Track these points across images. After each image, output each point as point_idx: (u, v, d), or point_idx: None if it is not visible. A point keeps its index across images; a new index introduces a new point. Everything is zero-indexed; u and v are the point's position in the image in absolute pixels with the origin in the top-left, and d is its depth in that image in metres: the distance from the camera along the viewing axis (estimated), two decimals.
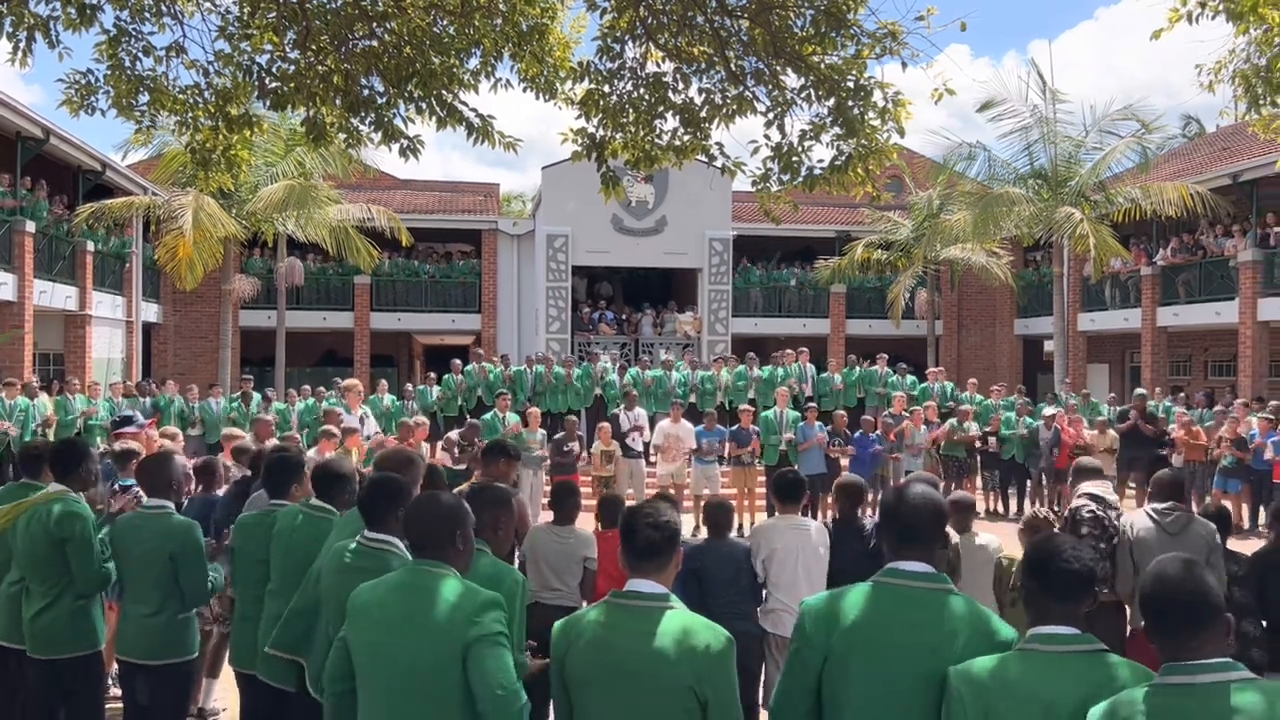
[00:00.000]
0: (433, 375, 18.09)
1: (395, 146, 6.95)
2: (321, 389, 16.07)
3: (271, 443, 10.76)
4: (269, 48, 6.90)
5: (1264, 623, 5.26)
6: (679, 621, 2.84)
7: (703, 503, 9.62)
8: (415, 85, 6.72)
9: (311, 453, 9.06)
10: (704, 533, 6.34)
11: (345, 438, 9.86)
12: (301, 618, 4.14)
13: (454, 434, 13.48)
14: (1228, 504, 12.58)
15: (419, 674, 2.97)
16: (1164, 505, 5.65)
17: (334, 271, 25.12)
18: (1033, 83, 20.89)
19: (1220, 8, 6.13)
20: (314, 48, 6.77)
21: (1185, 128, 35.39)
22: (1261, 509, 13.79)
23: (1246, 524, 14.09)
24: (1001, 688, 2.53)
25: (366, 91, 6.93)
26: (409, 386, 17.49)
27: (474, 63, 6.99)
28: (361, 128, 7.13)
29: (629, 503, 5.65)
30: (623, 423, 14.63)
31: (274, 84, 6.82)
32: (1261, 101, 7.58)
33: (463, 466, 13.01)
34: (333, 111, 7.08)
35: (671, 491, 13.09)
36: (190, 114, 7.17)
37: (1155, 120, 20.59)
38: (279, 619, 4.37)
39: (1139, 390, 16.56)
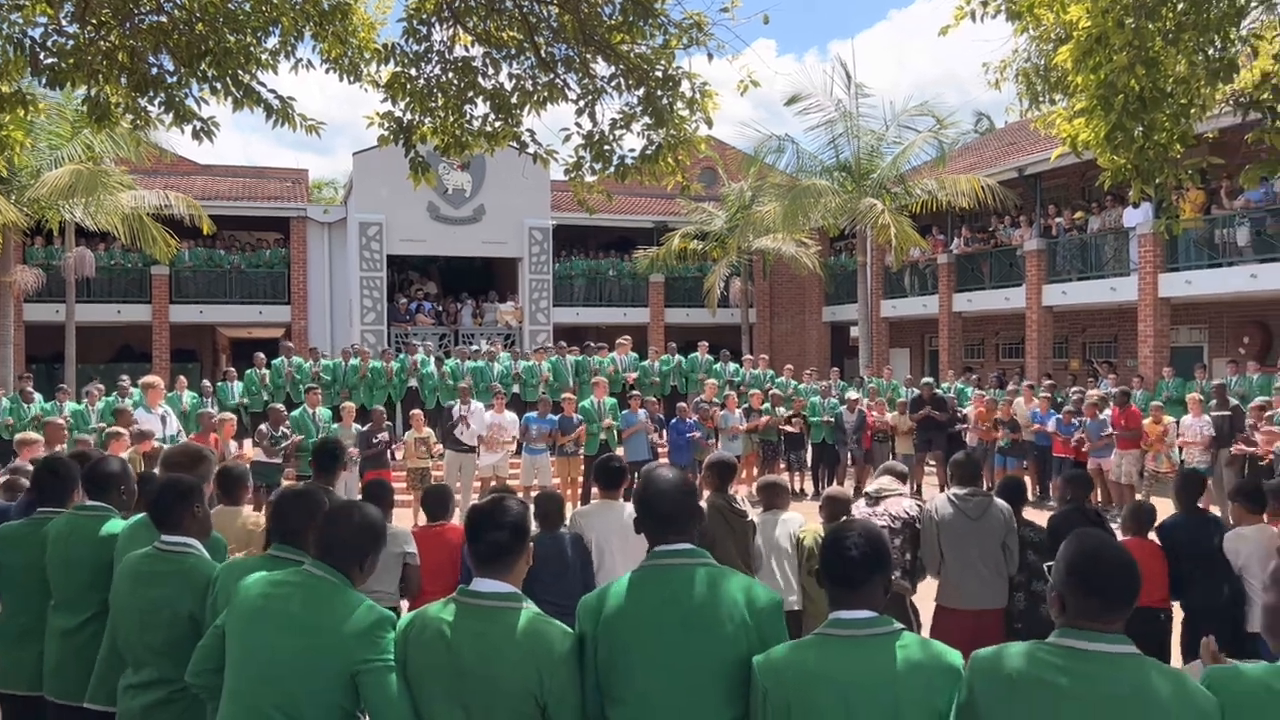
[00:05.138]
0: (233, 370, 17.23)
1: (188, 128, 6.57)
2: (124, 384, 15.04)
3: (61, 448, 10.07)
4: (43, 20, 6.40)
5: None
6: (524, 623, 2.77)
7: (533, 494, 9.54)
8: (209, 64, 6.35)
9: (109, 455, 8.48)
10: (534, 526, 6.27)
11: (137, 442, 9.28)
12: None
13: (264, 427, 12.97)
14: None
15: (287, 676, 2.83)
16: (964, 491, 5.97)
17: (130, 262, 23.65)
18: (837, 78, 21.74)
19: (1001, 7, 6.50)
20: (95, 22, 6.32)
21: (977, 124, 37.52)
22: (1050, 483, 14.77)
23: (1032, 496, 15.08)
24: (801, 676, 2.58)
25: (155, 70, 6.51)
26: (206, 383, 16.55)
27: (273, 42, 6.68)
28: (150, 108, 6.71)
29: (456, 496, 5.57)
30: (455, 419, 14.24)
31: (50, 59, 6.33)
32: (1041, 99, 8.08)
33: (277, 460, 12.53)
34: (118, 90, 6.63)
35: (494, 483, 12.96)
36: None
37: (949, 116, 21.85)
38: (66, 634, 4.09)
39: (925, 379, 17.46)
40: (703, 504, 6.12)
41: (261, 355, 17.14)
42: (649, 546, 2.97)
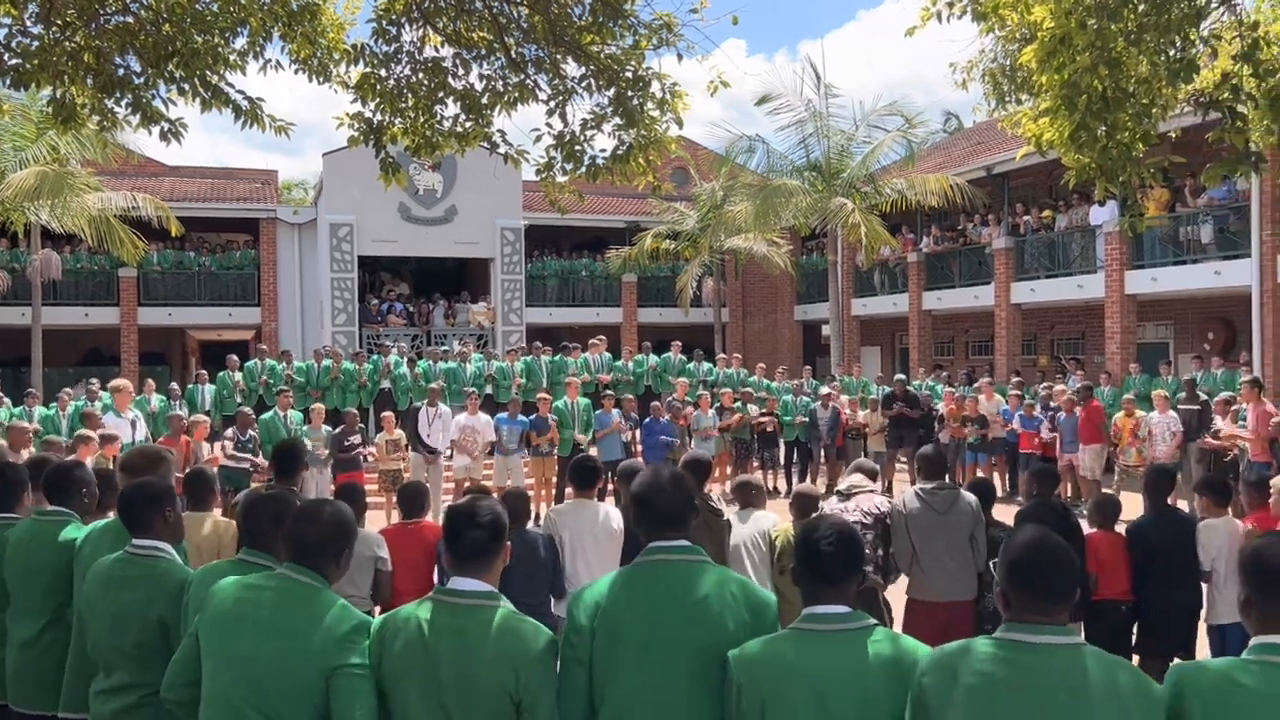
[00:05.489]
0: (204, 373, 17.08)
1: (155, 129, 6.54)
2: (94, 388, 14.89)
3: (27, 453, 9.95)
4: (7, 21, 6.34)
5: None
6: (501, 621, 2.78)
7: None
8: (176, 65, 6.31)
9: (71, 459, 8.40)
10: None
11: (104, 445, 9.19)
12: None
13: (231, 430, 12.87)
14: (981, 475, 13.61)
15: (263, 679, 2.81)
16: (931, 485, 6.04)
17: (97, 264, 23.40)
18: (807, 78, 21.81)
19: (967, 8, 6.57)
20: (60, 22, 6.28)
21: (946, 123, 37.76)
22: (1018, 479, 14.91)
23: (1000, 492, 15.21)
24: (777, 671, 2.60)
25: (122, 70, 6.48)
26: (174, 386, 16.37)
27: (241, 42, 6.65)
28: (117, 109, 6.67)
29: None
30: (422, 422, 14.18)
31: (14, 60, 6.28)
32: (1007, 99, 8.16)
33: (246, 465, 12.44)
34: (84, 91, 6.59)
35: (469, 484, 12.93)
36: None
37: (918, 116, 21.99)
38: (25, 644, 4.05)
39: (898, 376, 17.56)
40: None
41: (235, 358, 16.98)
42: (645, 542, 2.98)
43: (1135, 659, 5.87)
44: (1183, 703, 2.39)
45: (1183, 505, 12.24)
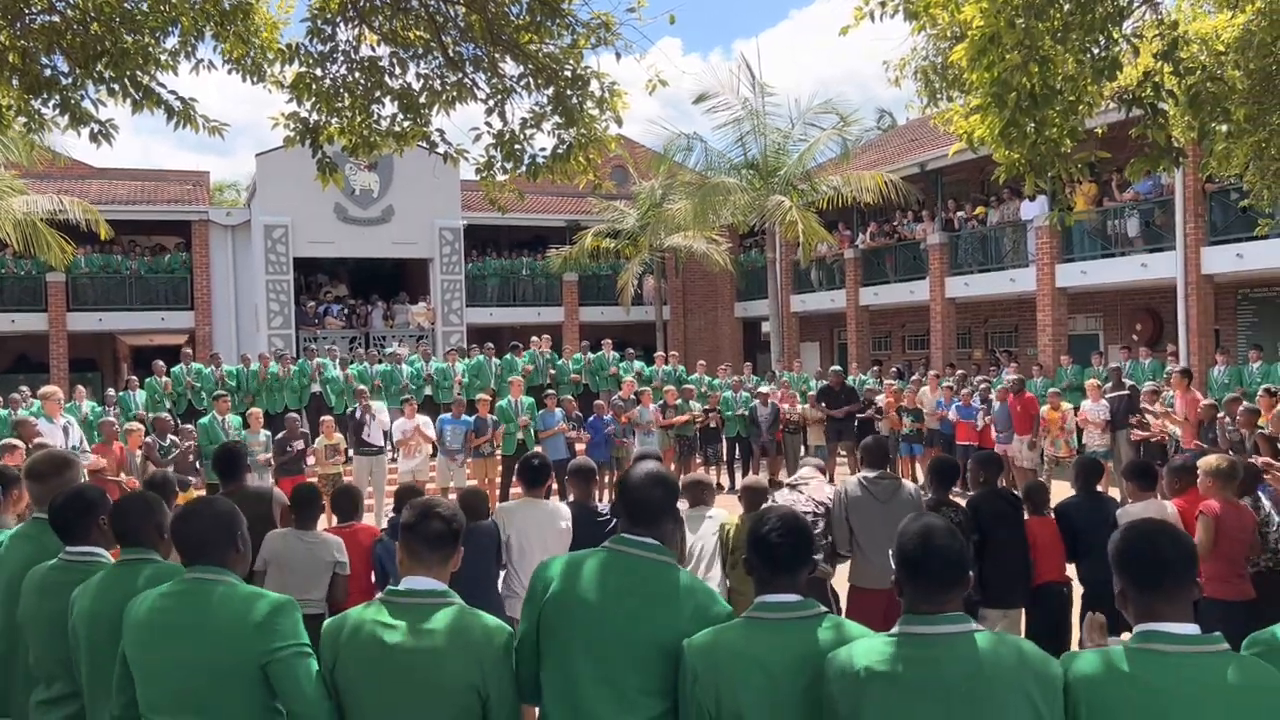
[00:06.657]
0: (134, 379, 16.74)
1: (84, 131, 6.40)
2: (16, 396, 14.53)
3: None
4: None
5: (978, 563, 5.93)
6: (458, 617, 2.78)
7: (452, 494, 9.49)
8: (105, 65, 6.18)
9: None
10: None
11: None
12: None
13: (150, 439, 12.61)
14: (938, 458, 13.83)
15: (198, 684, 2.78)
16: (874, 474, 6.15)
17: (24, 269, 22.80)
18: (743, 77, 21.95)
19: (899, 6, 6.67)
20: None
21: (880, 121, 38.30)
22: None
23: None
24: (730, 658, 2.62)
25: (49, 71, 6.34)
26: (110, 392, 16.08)
27: (172, 42, 6.53)
28: (44, 110, 6.52)
29: (368, 501, 5.54)
30: (358, 415, 14.05)
31: None
32: (939, 96, 8.30)
33: (170, 469, 12.20)
34: (9, 93, 6.44)
35: (398, 486, 12.84)
36: None
37: (852, 113, 22.28)
38: None
39: (834, 368, 17.79)
40: None
41: (160, 363, 16.66)
42: (620, 529, 3.00)
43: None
44: (1069, 694, 2.42)
45: (1115, 490, 12.61)
